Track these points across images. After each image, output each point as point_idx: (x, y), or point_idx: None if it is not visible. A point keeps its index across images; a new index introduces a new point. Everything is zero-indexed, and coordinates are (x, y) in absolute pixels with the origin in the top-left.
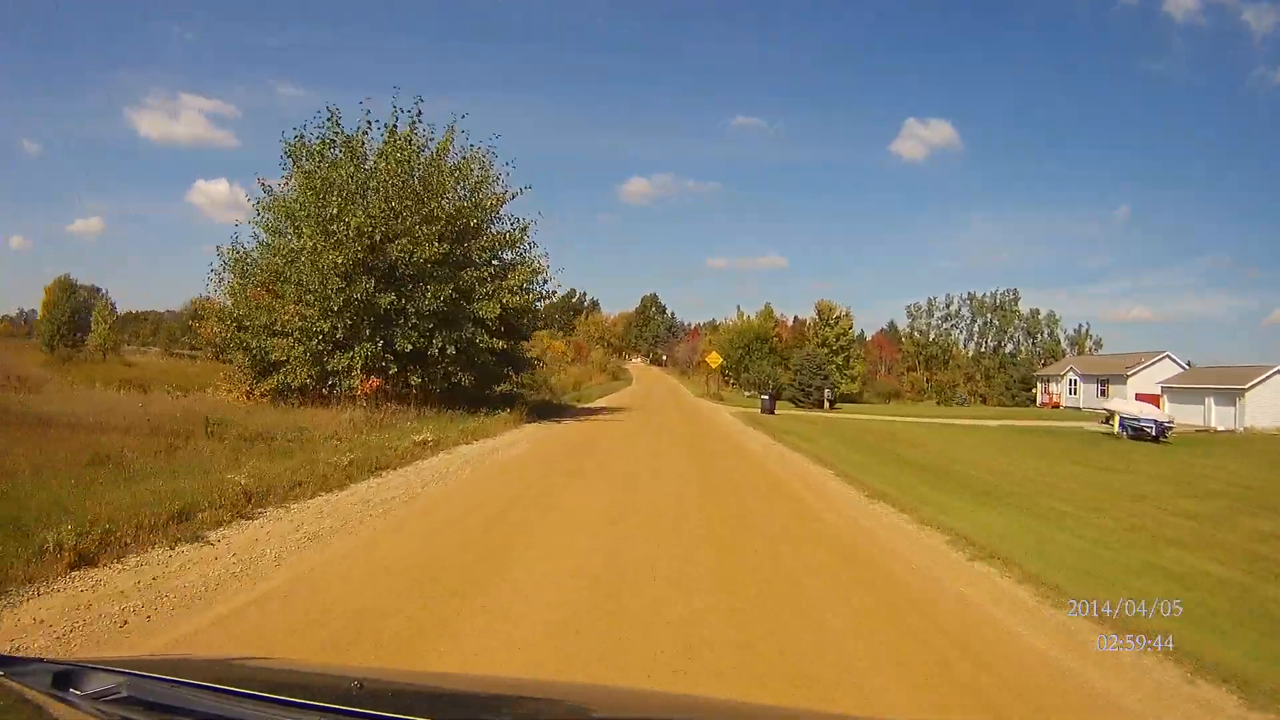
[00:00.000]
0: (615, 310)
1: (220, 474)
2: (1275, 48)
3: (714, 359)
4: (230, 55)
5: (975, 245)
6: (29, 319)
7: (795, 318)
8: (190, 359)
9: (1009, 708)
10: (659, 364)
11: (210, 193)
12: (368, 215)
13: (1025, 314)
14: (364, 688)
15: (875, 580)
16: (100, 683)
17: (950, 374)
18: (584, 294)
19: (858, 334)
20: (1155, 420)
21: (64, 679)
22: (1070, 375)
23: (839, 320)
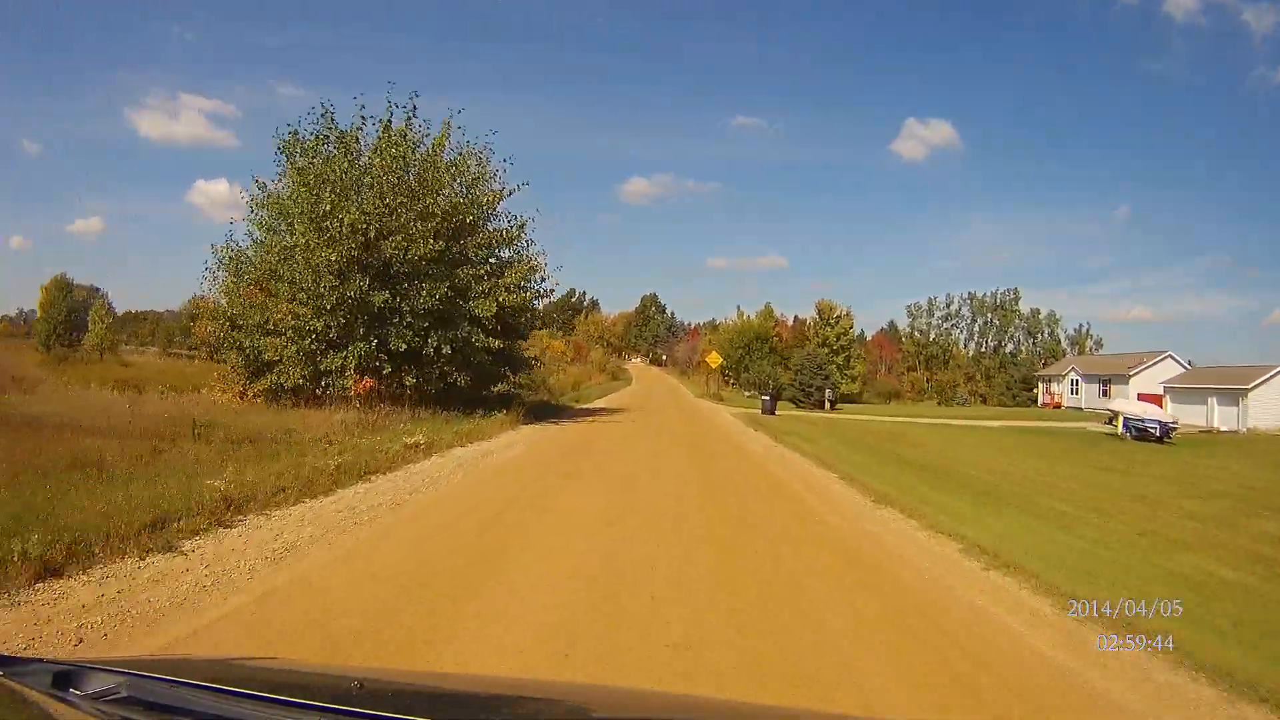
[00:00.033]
0: (615, 310)
1: (202, 479)
2: (1275, 48)
3: (714, 359)
4: (230, 55)
5: (975, 245)
6: (29, 319)
7: (795, 317)
8: (188, 359)
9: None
10: (659, 364)
11: (210, 193)
12: (362, 211)
13: (1025, 314)
14: (364, 688)
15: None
16: (100, 683)
17: (951, 374)
18: (584, 294)
19: (858, 334)
20: (1160, 421)
21: (64, 679)
22: (1072, 375)
23: (839, 320)
